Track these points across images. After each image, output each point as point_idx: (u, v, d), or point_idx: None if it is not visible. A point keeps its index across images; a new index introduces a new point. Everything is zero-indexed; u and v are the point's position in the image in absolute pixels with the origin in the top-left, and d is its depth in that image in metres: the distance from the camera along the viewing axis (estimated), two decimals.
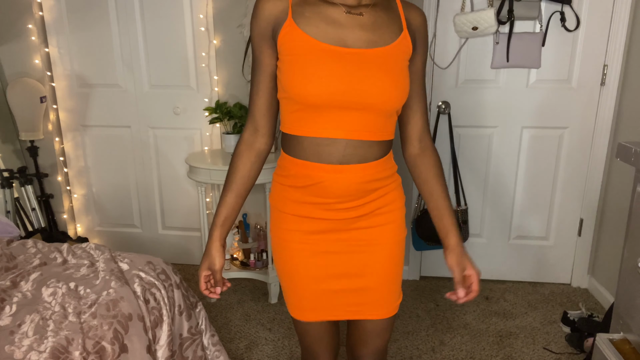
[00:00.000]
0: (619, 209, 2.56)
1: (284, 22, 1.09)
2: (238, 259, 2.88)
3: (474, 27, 2.49)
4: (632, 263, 1.48)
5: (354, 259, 1.20)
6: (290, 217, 1.20)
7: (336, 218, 1.17)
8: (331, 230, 1.19)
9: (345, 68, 1.07)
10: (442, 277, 3.02)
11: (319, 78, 1.06)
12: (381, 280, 1.23)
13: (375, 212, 1.20)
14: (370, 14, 1.11)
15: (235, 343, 2.37)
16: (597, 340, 1.56)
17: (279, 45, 1.11)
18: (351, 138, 1.11)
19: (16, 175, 2.91)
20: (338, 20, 1.09)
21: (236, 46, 2.79)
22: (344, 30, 1.09)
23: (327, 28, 1.08)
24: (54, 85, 3.00)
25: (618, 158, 1.52)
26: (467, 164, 2.82)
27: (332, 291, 1.22)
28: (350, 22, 1.09)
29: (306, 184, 1.15)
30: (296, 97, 1.09)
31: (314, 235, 1.19)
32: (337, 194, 1.14)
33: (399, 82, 1.12)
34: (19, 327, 1.38)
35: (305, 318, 1.27)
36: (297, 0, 1.11)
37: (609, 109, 2.61)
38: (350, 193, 1.15)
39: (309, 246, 1.20)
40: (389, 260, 1.23)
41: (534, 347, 2.34)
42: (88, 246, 1.92)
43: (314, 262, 1.20)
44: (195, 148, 3.01)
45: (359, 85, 1.07)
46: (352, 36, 1.09)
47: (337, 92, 1.06)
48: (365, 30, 1.10)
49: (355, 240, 1.20)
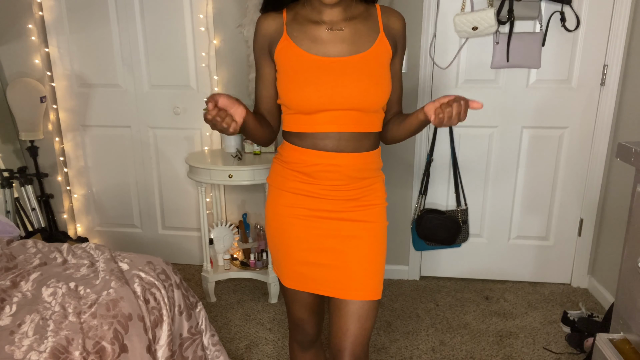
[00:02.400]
0: (619, 209, 2.56)
1: (279, 38, 1.29)
2: (238, 259, 2.88)
3: (474, 27, 2.49)
4: (632, 263, 1.48)
5: (339, 242, 1.34)
6: (287, 194, 1.35)
7: (328, 197, 1.31)
8: (322, 211, 1.33)
9: (330, 75, 1.24)
10: (442, 277, 3.02)
11: (308, 86, 1.24)
12: (363, 264, 1.34)
13: (362, 200, 1.34)
14: (349, 27, 1.28)
15: (235, 343, 2.37)
16: (597, 340, 1.56)
17: (276, 59, 1.30)
18: (343, 131, 1.28)
19: (16, 175, 2.91)
20: (321, 38, 1.27)
21: (236, 46, 2.80)
22: (328, 45, 1.27)
23: (312, 44, 1.26)
24: (54, 85, 3.00)
25: (618, 158, 1.52)
26: (467, 164, 2.82)
27: (318, 264, 1.35)
28: (333, 38, 1.27)
29: (304, 168, 1.31)
30: (291, 104, 1.28)
31: (306, 212, 1.33)
32: (331, 177, 1.30)
33: (379, 82, 1.28)
34: (19, 327, 1.38)
35: (293, 286, 1.40)
36: (289, 20, 1.30)
37: (609, 109, 2.61)
38: (342, 178, 1.31)
39: (302, 221, 1.34)
40: (371, 248, 1.35)
41: (534, 347, 2.34)
42: (88, 246, 1.92)
43: (305, 236, 1.35)
44: (195, 148, 3.01)
45: (343, 89, 1.24)
46: (335, 48, 1.27)
47: (325, 96, 1.24)
48: (346, 42, 1.27)
49: (341, 230, 1.33)
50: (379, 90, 1.27)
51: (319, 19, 1.28)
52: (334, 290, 1.35)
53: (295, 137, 1.33)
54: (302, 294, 1.41)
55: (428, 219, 2.76)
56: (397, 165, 2.83)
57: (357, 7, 1.31)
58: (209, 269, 2.73)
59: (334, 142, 1.28)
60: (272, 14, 1.31)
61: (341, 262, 1.34)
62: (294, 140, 1.33)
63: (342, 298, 1.34)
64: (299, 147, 1.32)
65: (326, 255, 1.34)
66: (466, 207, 2.83)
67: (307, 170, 1.31)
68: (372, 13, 1.32)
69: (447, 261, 2.99)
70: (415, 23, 2.61)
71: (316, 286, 1.38)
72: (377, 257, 1.36)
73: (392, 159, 2.81)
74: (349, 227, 1.33)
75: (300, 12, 1.30)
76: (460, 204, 2.82)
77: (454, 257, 2.97)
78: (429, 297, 2.81)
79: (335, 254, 1.34)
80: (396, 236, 2.90)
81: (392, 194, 2.82)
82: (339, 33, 1.27)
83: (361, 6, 1.31)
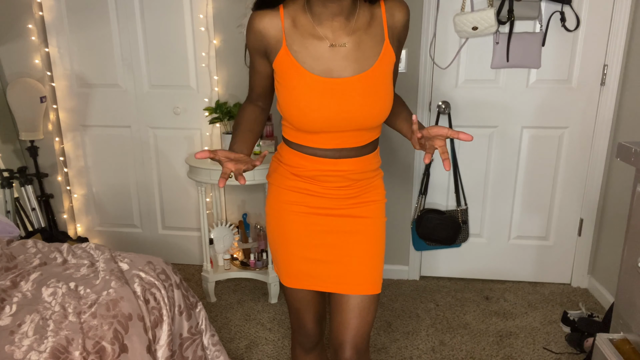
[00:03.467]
0: (619, 209, 2.56)
1: (279, 48, 1.21)
2: (238, 259, 2.88)
3: (474, 27, 2.49)
4: (632, 263, 1.48)
5: (339, 238, 1.34)
6: (287, 191, 1.35)
7: (328, 196, 1.32)
8: (322, 209, 1.33)
9: (333, 98, 1.19)
10: (442, 277, 3.02)
11: (312, 111, 1.19)
12: (362, 259, 1.34)
13: (361, 197, 1.34)
14: (352, 41, 1.20)
15: (235, 343, 2.37)
16: (597, 340, 1.56)
17: (275, 67, 1.25)
18: (344, 147, 1.28)
19: (16, 175, 2.91)
20: (323, 56, 1.20)
21: (236, 46, 2.79)
22: (330, 63, 1.20)
23: (315, 63, 1.19)
24: (54, 85, 3.00)
25: (618, 158, 1.52)
26: (467, 164, 2.82)
27: (318, 260, 1.35)
28: (335, 55, 1.20)
29: (304, 172, 1.31)
30: (292, 123, 1.25)
31: (306, 209, 1.33)
32: (332, 180, 1.30)
33: (383, 97, 1.23)
34: (19, 327, 1.38)
35: (293, 285, 1.39)
36: (288, 26, 1.21)
37: (609, 109, 2.61)
38: (342, 180, 1.31)
39: (301, 218, 1.34)
40: (371, 244, 1.36)
41: (534, 347, 2.34)
42: (88, 246, 1.92)
43: (304, 232, 1.34)
44: (195, 148, 3.01)
45: (347, 114, 1.20)
46: (337, 67, 1.19)
47: (328, 119, 1.20)
48: (349, 60, 1.20)
49: (341, 226, 1.33)
50: (384, 107, 1.24)
51: (321, 32, 1.19)
52: (334, 286, 1.35)
53: (295, 145, 1.32)
54: (303, 292, 1.41)
55: (428, 218, 2.76)
56: (398, 165, 2.83)
57: (362, 13, 1.22)
58: (209, 269, 2.73)
59: (335, 153, 1.28)
60: (268, 13, 1.21)
61: (341, 258, 1.34)
62: (293, 146, 1.32)
63: (343, 293, 1.35)
64: (298, 153, 1.31)
65: (326, 251, 1.35)
66: (466, 207, 2.83)
67: (308, 174, 1.31)
68: (376, 15, 1.24)
69: (447, 261, 2.99)
70: (415, 23, 2.61)
71: (316, 282, 1.37)
72: (377, 252, 1.37)
73: (392, 158, 2.81)
74: (349, 223, 1.34)
75: (299, 18, 1.21)
76: (460, 204, 2.82)
77: (454, 257, 2.97)
78: (429, 297, 2.81)
79: (335, 249, 1.34)
80: (396, 236, 2.90)
81: (392, 193, 2.83)
82: (341, 49, 1.20)
83: (366, 10, 1.23)
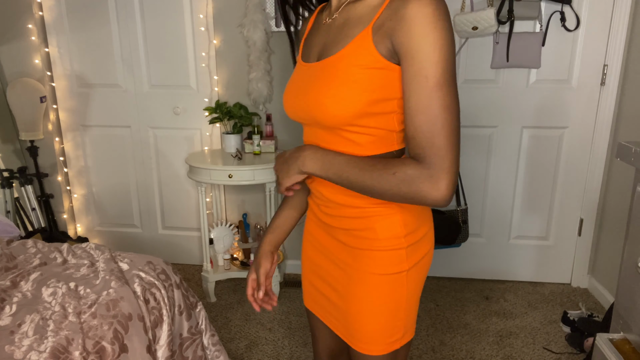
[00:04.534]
0: (619, 209, 2.56)
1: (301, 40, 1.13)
2: (238, 259, 2.88)
3: (474, 27, 2.49)
4: (632, 263, 1.48)
5: (336, 273, 1.11)
6: (309, 213, 1.21)
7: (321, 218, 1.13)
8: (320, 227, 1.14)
9: (298, 83, 1.03)
10: (442, 277, 3.02)
11: (284, 95, 1.07)
12: (363, 312, 1.06)
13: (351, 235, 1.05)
14: (342, 16, 0.99)
15: (235, 343, 2.37)
16: (597, 340, 1.56)
17: None
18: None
19: (16, 175, 2.91)
20: (316, 37, 1.05)
21: (236, 46, 2.79)
22: (313, 46, 1.05)
23: (305, 46, 1.08)
24: (54, 85, 3.00)
25: (618, 158, 1.52)
26: (467, 164, 2.82)
27: (320, 292, 1.18)
28: (319, 37, 1.04)
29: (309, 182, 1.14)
30: None
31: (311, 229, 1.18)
32: (321, 194, 1.08)
33: (339, 94, 0.92)
34: (19, 327, 1.38)
35: (305, 303, 1.29)
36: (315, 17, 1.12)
37: (609, 109, 2.61)
38: (326, 198, 1.07)
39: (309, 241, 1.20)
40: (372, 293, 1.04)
41: (534, 347, 2.34)
42: (88, 246, 1.92)
43: (310, 257, 1.20)
44: (195, 148, 3.01)
45: (304, 102, 1.00)
46: (314, 50, 1.03)
47: (290, 106, 1.05)
48: (326, 39, 1.01)
49: (337, 253, 1.10)
50: (339, 105, 0.92)
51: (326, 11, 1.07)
52: (340, 330, 1.15)
53: None
54: (315, 318, 1.25)
55: None
56: None
57: None
58: (209, 269, 2.73)
59: None
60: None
61: (337, 300, 1.13)
62: None
63: (348, 344, 1.14)
64: None
65: (324, 285, 1.16)
66: (466, 207, 2.82)
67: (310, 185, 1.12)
68: None
69: (447, 261, 2.99)
70: None
71: (325, 316, 1.19)
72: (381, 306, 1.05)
73: None
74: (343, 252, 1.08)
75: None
76: (460, 204, 2.82)
77: (454, 257, 2.97)
78: (429, 297, 2.80)
79: (331, 286, 1.13)
80: None
81: None
82: (329, 25, 1.01)
83: None
